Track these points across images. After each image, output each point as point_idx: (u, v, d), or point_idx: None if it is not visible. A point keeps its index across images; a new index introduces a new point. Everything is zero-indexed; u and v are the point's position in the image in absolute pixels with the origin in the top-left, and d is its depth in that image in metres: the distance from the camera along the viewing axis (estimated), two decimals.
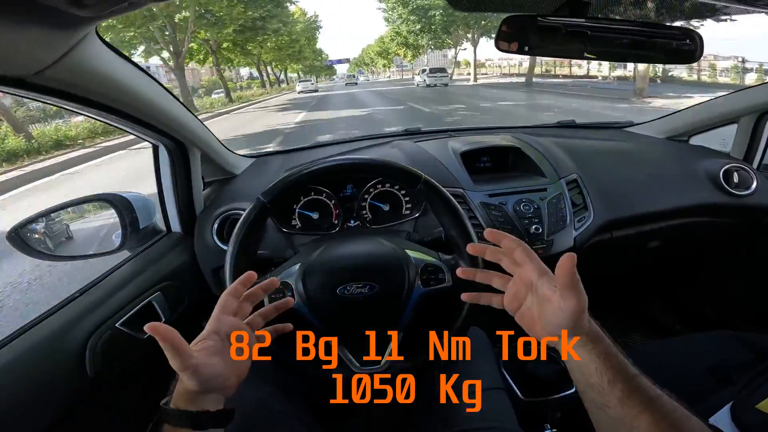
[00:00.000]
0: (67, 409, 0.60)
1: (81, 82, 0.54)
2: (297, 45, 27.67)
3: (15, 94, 0.50)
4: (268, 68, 34.42)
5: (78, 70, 0.52)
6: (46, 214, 0.80)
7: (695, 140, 1.31)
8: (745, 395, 0.65)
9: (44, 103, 0.55)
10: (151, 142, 0.83)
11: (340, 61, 58.83)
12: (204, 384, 0.41)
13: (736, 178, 1.12)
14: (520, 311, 0.49)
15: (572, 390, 0.83)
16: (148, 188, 0.96)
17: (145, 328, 0.39)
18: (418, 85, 22.61)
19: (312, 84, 26.60)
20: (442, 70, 22.79)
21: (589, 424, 0.44)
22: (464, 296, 0.53)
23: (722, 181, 1.11)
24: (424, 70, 22.91)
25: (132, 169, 5.51)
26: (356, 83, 36.82)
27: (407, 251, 0.65)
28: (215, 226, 0.90)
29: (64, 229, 0.87)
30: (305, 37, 30.63)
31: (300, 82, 27.63)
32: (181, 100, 0.79)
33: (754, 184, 1.12)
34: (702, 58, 0.71)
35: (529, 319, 0.48)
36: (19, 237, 0.75)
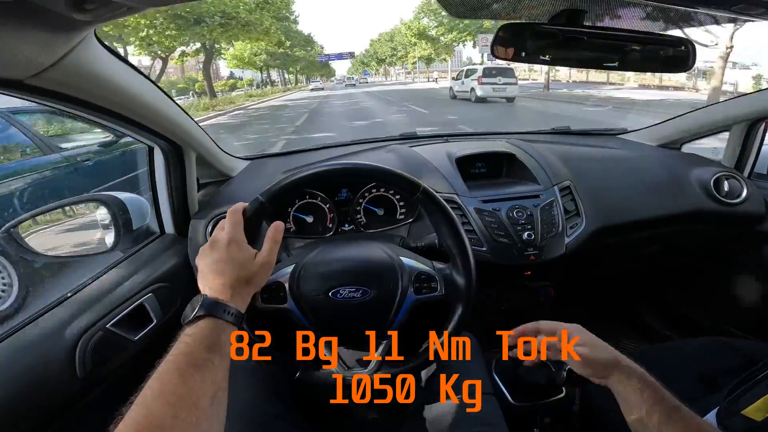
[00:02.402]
0: (57, 409, 0.60)
1: (78, 84, 0.54)
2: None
3: (11, 95, 0.49)
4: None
5: (76, 72, 0.52)
6: (39, 214, 0.80)
7: (687, 148, 1.32)
8: (732, 401, 0.65)
9: (41, 104, 0.55)
10: (146, 144, 0.83)
11: (340, 56, 42.73)
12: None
13: (726, 187, 1.13)
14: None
15: (562, 395, 0.83)
16: None
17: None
18: (455, 96, 14.06)
19: (320, 83, 35.15)
20: (508, 71, 12.14)
21: (577, 430, 0.44)
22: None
23: (713, 189, 1.12)
24: (471, 71, 12.88)
25: None
26: (355, 84, 35.33)
27: (401, 258, 0.66)
28: (209, 228, 0.90)
29: (58, 228, 0.87)
30: None
31: (312, 81, 37.54)
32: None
33: (745, 193, 1.13)
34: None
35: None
36: (11, 236, 0.75)
